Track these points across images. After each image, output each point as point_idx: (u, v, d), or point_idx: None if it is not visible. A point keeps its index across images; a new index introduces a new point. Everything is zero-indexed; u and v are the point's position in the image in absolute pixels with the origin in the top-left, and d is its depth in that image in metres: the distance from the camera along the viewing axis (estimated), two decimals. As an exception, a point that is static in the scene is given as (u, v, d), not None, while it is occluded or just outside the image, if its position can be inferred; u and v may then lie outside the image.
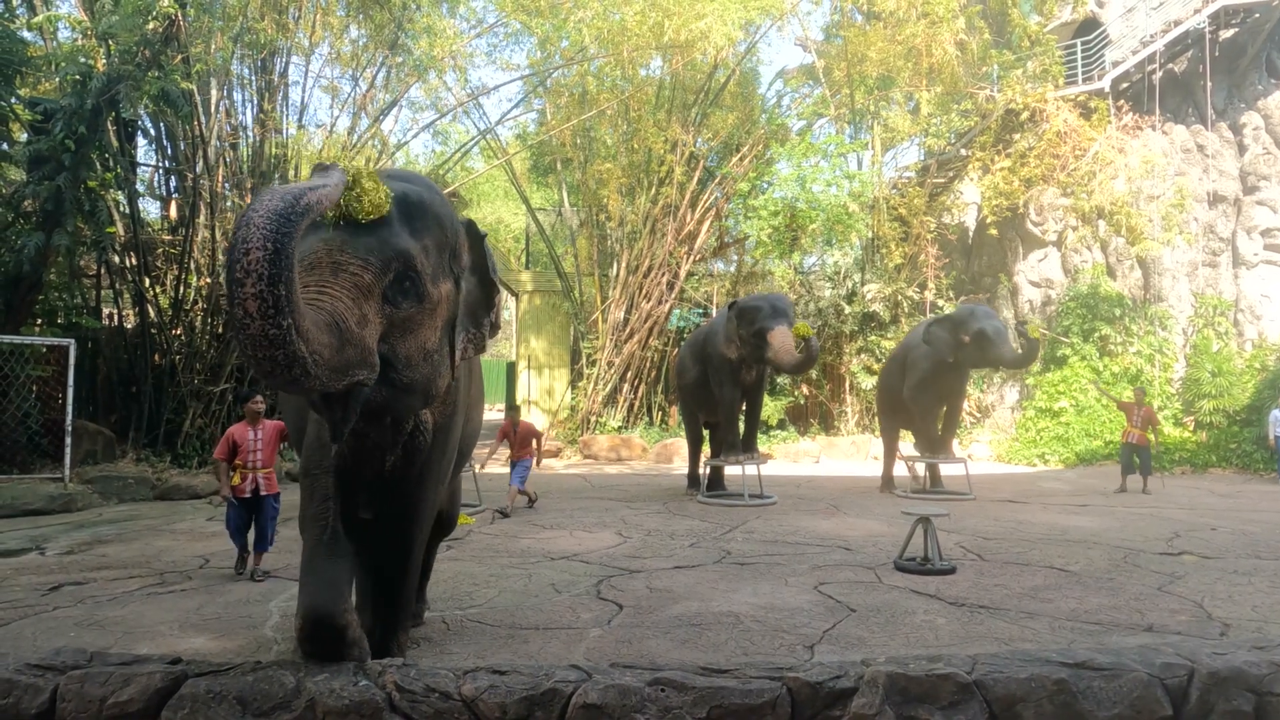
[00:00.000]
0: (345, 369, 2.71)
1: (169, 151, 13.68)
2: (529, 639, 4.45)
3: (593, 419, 17.29)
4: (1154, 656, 3.31)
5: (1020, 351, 10.29)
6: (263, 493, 6.00)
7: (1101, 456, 14.63)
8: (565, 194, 20.26)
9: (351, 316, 2.76)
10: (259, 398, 6.02)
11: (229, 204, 13.46)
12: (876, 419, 12.28)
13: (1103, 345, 16.40)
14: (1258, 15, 16.74)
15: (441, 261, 3.25)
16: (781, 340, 9.03)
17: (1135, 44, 17.60)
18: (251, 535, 6.04)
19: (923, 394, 10.61)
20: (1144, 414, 11.18)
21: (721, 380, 9.64)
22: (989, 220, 17.68)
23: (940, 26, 16.64)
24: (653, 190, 17.43)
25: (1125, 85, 17.74)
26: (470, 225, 3.61)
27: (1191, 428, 15.02)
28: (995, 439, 16.88)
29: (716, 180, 18.27)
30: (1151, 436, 11.33)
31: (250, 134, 13.72)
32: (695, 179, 17.66)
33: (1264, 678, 3.25)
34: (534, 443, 9.52)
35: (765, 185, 18.01)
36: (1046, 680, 3.09)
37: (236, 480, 5.87)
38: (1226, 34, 17.21)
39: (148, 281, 12.50)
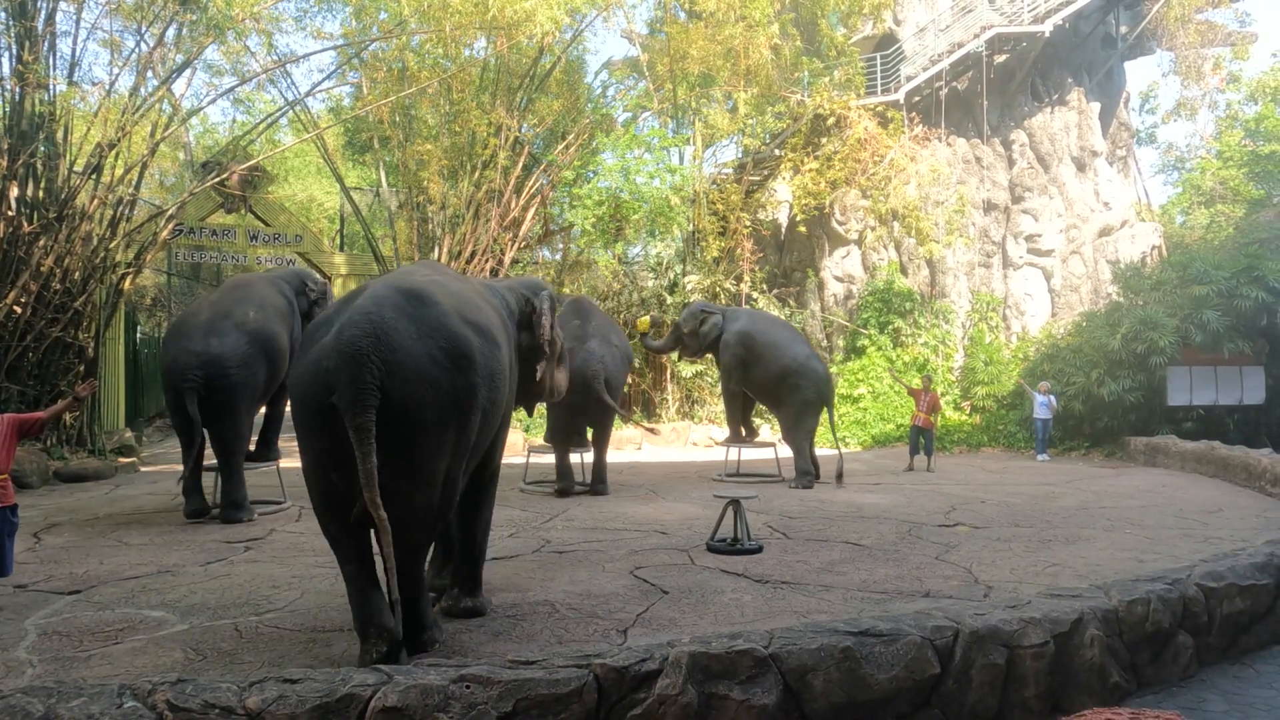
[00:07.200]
0: None
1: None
2: (333, 642, 4.23)
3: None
4: (926, 620, 3.65)
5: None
6: None
7: (894, 439, 15.95)
8: (383, 174, 19.32)
9: None
10: None
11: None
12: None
13: (896, 337, 17.89)
14: (1025, 44, 18.80)
15: None
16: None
17: (925, 61, 19.24)
18: None
19: None
20: (929, 400, 12.30)
21: None
22: (799, 218, 18.72)
23: (757, 30, 17.36)
24: (476, 174, 17.00)
25: (917, 99, 19.37)
26: None
27: (968, 411, 16.72)
28: (803, 424, 17.96)
29: (542, 167, 18.11)
30: (935, 419, 12.51)
31: (7, 87, 11.97)
32: (520, 165, 17.41)
33: (1014, 633, 3.67)
34: None
35: (590, 174, 18.07)
36: (834, 649, 3.31)
37: None
38: (1000, 58, 19.20)
39: None
